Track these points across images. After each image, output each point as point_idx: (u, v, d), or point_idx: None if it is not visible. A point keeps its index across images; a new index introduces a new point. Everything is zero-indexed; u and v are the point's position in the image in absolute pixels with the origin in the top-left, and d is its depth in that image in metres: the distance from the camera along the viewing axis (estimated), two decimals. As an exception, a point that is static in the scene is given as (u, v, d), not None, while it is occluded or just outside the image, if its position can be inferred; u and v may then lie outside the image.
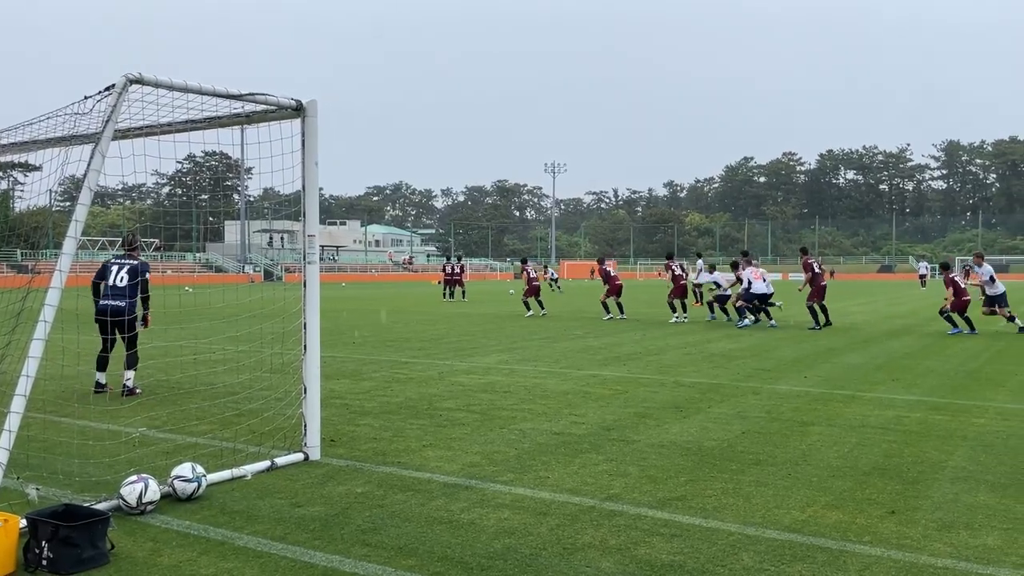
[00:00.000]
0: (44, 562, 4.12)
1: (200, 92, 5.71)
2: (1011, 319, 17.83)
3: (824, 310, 19.17)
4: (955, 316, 17.44)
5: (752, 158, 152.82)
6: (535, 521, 4.92)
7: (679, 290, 21.28)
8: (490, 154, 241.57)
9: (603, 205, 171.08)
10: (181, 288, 20.73)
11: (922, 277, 52.02)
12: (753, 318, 19.86)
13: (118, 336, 9.19)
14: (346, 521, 4.91)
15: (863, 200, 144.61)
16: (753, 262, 21.20)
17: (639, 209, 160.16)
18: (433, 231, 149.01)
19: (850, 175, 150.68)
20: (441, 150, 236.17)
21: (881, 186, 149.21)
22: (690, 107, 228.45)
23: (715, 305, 21.53)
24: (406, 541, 4.57)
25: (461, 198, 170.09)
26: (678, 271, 21.51)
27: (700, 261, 28.19)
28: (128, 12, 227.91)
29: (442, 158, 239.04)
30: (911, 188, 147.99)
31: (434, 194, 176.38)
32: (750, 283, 19.73)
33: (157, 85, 5.44)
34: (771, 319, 19.86)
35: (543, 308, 24.10)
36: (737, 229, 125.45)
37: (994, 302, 17.99)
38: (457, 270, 34.42)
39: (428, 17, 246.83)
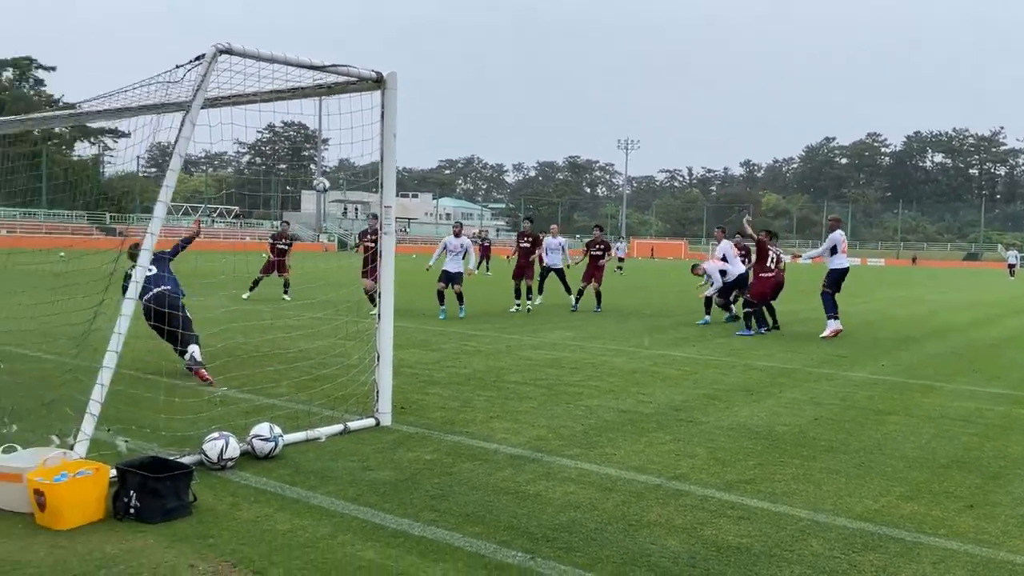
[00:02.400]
0: (131, 511, 4.34)
1: (285, 62, 5.84)
2: None
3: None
4: None
5: (834, 138, 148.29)
6: (601, 496, 4.95)
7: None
8: (563, 130, 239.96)
9: (676, 183, 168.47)
10: (259, 254, 21.27)
11: (1011, 267, 49.72)
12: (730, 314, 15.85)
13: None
14: (415, 486, 5.02)
15: (951, 184, 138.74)
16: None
17: (713, 188, 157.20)
18: (503, 205, 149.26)
19: (938, 158, 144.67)
20: (514, 125, 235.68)
21: (971, 170, 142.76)
22: (770, 85, 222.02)
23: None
24: (473, 509, 4.65)
25: (532, 173, 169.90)
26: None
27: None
28: None
29: (514, 133, 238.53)
30: (1003, 173, 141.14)
31: (505, 169, 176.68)
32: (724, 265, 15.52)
33: (244, 55, 5.58)
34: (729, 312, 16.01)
35: (598, 304, 17.58)
36: (815, 211, 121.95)
37: None
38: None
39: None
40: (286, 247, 18.93)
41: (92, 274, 5.92)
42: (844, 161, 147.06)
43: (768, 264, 14.16)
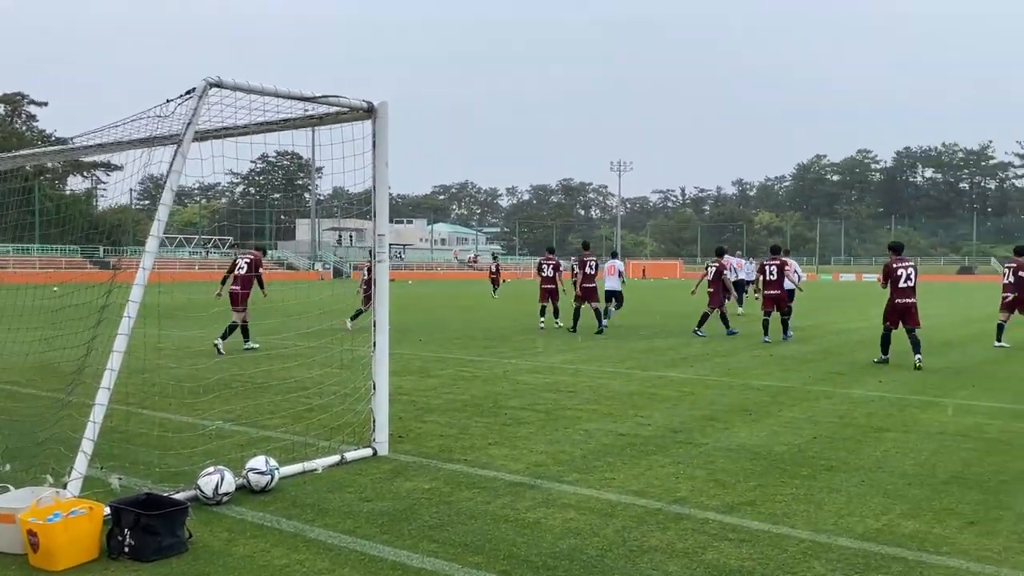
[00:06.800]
0: (126, 549, 4.29)
1: (276, 95, 5.87)
2: None
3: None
4: None
5: (825, 156, 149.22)
6: (601, 522, 4.91)
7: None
8: (555, 153, 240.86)
9: (670, 204, 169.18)
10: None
11: None
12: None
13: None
14: (414, 517, 4.98)
15: (942, 199, 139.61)
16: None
17: (706, 208, 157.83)
18: (498, 230, 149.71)
19: (928, 173, 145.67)
20: (507, 149, 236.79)
21: (961, 184, 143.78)
22: (760, 104, 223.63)
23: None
24: (473, 538, 4.60)
25: (526, 196, 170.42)
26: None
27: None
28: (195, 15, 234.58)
29: (508, 157, 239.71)
30: (993, 187, 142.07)
31: (499, 193, 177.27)
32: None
33: (235, 88, 5.60)
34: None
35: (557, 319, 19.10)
36: (809, 228, 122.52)
37: None
38: (493, 268, 38.82)
39: (487, 14, 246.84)
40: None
41: (86, 308, 5.90)
42: (836, 178, 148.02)
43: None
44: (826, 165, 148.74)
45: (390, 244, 6.94)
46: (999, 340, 15.06)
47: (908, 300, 12.63)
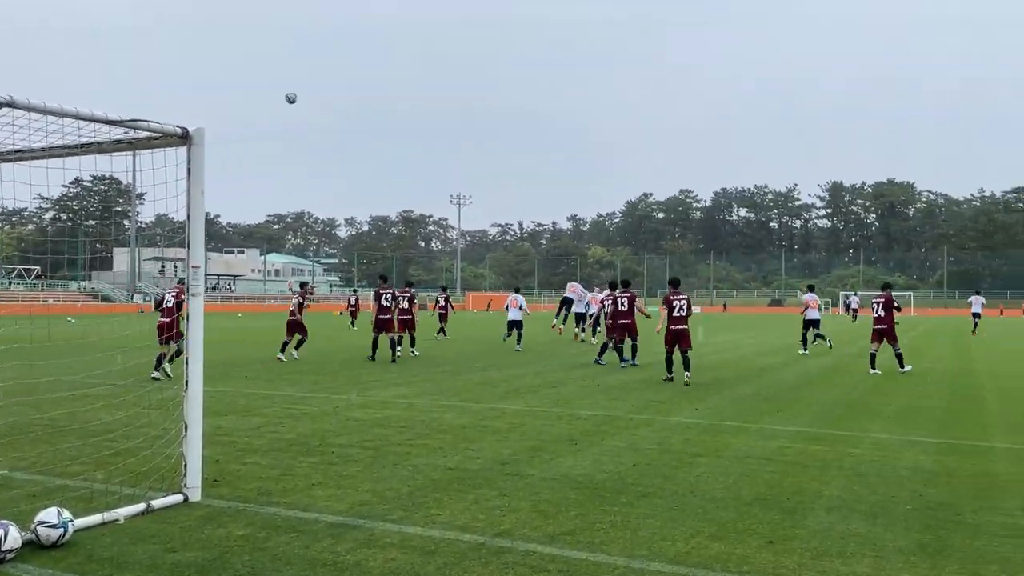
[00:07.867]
0: None
1: (77, 117, 5.48)
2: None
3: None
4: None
5: (651, 194, 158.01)
6: (422, 561, 4.84)
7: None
8: (395, 184, 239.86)
9: (508, 237, 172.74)
10: (63, 318, 19.60)
11: (853, 311, 53.76)
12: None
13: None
14: (224, 566, 4.70)
15: (755, 237, 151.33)
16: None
17: (543, 242, 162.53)
18: (336, 260, 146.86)
19: (743, 212, 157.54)
20: (345, 179, 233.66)
21: (771, 223, 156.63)
22: (592, 142, 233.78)
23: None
24: (287, 586, 4.41)
25: (366, 228, 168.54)
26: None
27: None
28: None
29: (346, 187, 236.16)
30: (799, 226, 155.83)
31: (337, 223, 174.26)
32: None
33: (29, 109, 5.18)
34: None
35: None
36: (637, 263, 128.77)
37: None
38: (352, 301, 38.82)
39: (323, 40, 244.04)
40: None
41: None
42: (661, 215, 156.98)
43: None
44: (652, 203, 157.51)
45: (219, 275, 6.62)
46: (873, 367, 16.44)
47: (681, 327, 14.75)
